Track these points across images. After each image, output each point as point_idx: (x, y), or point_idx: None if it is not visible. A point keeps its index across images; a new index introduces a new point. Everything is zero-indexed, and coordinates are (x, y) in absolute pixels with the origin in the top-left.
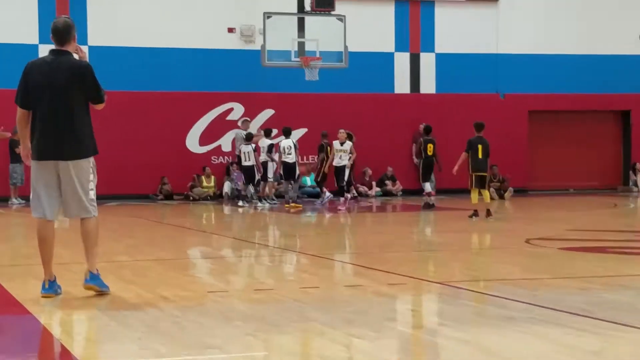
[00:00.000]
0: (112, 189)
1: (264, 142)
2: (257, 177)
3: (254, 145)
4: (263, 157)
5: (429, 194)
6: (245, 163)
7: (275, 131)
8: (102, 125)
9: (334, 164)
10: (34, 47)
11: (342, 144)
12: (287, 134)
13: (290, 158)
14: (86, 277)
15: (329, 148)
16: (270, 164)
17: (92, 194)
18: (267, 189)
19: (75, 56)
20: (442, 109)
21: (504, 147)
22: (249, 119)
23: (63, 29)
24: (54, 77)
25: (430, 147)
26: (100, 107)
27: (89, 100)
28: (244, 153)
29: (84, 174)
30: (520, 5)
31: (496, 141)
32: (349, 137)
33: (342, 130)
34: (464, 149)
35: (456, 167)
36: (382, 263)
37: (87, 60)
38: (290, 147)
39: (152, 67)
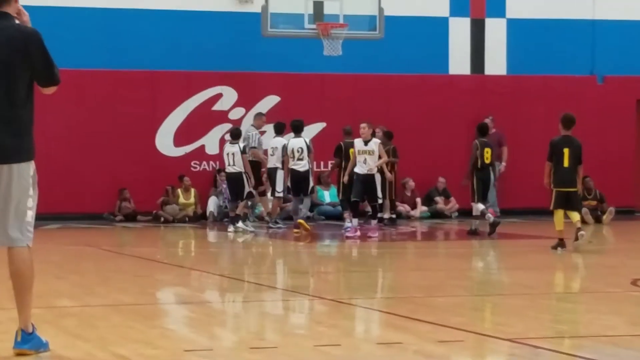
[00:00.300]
0: (52, 206)
1: (276, 142)
2: (247, 188)
3: (241, 145)
4: (273, 162)
5: (482, 216)
6: (228, 169)
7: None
8: (37, 117)
9: (357, 171)
10: None
11: (365, 142)
12: (297, 130)
13: (302, 164)
14: (17, 337)
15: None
16: (280, 173)
17: (30, 215)
18: (270, 206)
19: (17, 21)
20: (516, 97)
21: (602, 150)
22: (263, 113)
23: None
24: None
25: (487, 152)
26: (50, 90)
27: (36, 80)
28: (227, 155)
29: (23, 184)
30: None
31: (592, 142)
32: (387, 136)
33: (364, 125)
34: (545, 153)
35: (547, 180)
36: (428, 312)
37: (30, 25)
38: (302, 149)
39: (108, 35)
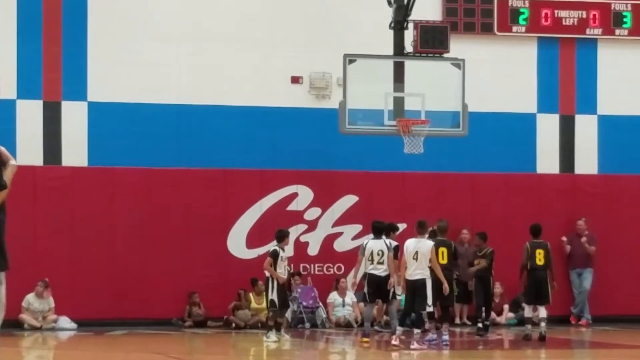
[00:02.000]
0: (119, 312)
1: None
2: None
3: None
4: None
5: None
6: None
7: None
8: (100, 218)
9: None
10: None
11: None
12: (378, 232)
13: (382, 269)
14: None
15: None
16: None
17: None
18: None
19: None
20: (609, 197)
21: None
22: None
23: None
24: None
25: (540, 254)
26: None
27: None
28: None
29: None
30: None
31: None
32: (482, 237)
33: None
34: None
35: None
36: None
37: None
38: (382, 252)
39: (179, 132)
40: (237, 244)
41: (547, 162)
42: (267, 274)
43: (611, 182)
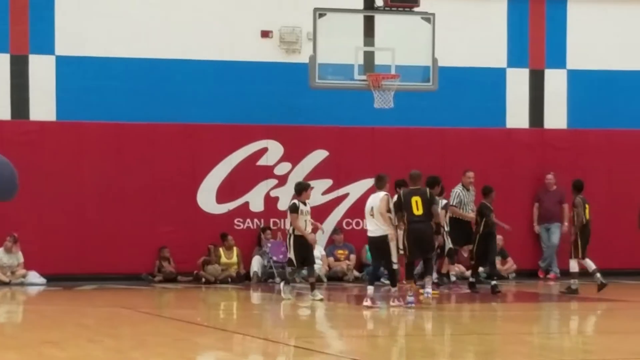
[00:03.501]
0: (88, 267)
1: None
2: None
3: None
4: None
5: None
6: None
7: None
8: (69, 173)
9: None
10: None
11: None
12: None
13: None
14: None
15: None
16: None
17: None
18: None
19: None
20: (577, 152)
21: None
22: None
23: None
24: None
25: (587, 209)
26: None
27: None
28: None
29: None
30: None
31: None
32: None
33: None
34: (608, 211)
35: None
36: None
37: None
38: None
39: (147, 86)
40: (207, 199)
41: (517, 116)
42: (289, 229)
43: (580, 136)
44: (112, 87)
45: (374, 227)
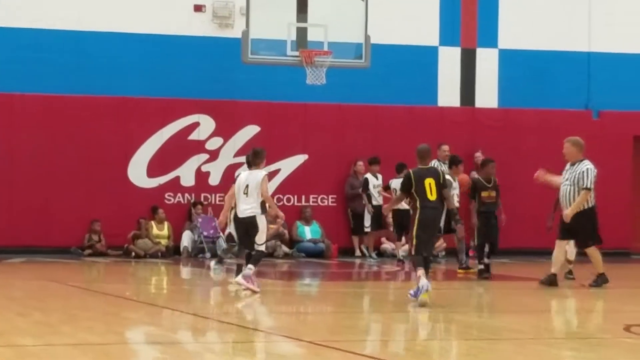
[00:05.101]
0: (16, 239)
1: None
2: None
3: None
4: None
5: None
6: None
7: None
8: (1, 143)
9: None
10: None
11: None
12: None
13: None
14: None
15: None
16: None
17: None
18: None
19: None
20: (507, 131)
21: (596, 188)
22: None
23: None
24: None
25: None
26: None
27: None
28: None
29: None
30: None
31: None
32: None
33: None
34: (537, 191)
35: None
36: (414, 356)
37: None
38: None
39: (78, 59)
40: (137, 172)
41: (448, 95)
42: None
43: (510, 115)
44: (43, 59)
45: (246, 206)
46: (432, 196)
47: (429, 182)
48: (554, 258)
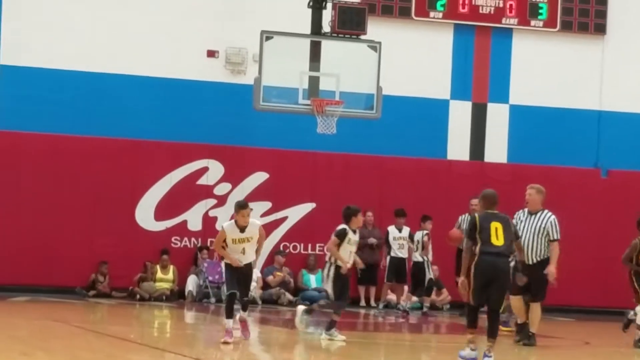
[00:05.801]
0: (20, 277)
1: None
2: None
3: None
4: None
5: None
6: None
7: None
8: (6, 183)
9: None
10: None
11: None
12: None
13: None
14: None
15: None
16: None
17: None
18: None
19: None
20: (515, 186)
21: (604, 247)
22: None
23: None
24: None
25: None
26: None
27: None
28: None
29: None
30: (637, 40)
31: (594, 238)
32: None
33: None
34: None
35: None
36: None
37: None
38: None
39: (90, 100)
40: (145, 215)
41: (458, 148)
42: (328, 257)
43: (518, 171)
44: (54, 99)
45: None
46: (497, 241)
47: (495, 227)
48: (517, 310)
